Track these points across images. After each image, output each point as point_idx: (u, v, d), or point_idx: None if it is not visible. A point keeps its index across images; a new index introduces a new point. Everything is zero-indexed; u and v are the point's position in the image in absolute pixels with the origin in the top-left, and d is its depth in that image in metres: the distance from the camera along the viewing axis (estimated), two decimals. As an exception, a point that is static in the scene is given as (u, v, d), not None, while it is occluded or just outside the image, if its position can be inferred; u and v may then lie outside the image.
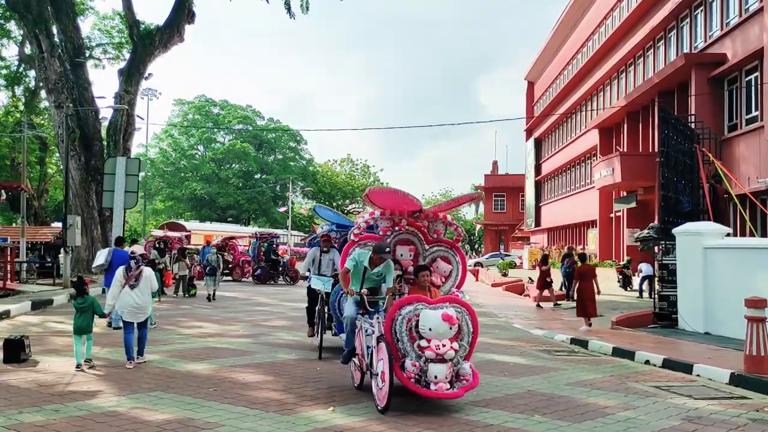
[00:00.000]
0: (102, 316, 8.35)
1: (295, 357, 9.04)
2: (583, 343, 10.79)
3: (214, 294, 17.50)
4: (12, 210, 41.34)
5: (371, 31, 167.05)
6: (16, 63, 37.75)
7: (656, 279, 13.98)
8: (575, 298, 19.06)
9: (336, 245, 9.87)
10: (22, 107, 39.70)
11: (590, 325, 12.78)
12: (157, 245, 20.66)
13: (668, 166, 14.58)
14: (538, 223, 48.23)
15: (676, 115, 16.05)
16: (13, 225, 41.11)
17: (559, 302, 18.76)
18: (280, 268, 26.09)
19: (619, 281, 23.31)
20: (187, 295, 18.58)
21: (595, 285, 12.98)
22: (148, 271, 8.49)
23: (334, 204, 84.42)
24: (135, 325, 8.27)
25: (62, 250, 20.93)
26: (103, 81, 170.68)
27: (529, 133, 52.29)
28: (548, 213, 45.34)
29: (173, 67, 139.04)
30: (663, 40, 25.58)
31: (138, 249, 9.93)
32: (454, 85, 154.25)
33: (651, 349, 9.93)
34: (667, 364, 8.95)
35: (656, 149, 24.66)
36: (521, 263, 41.93)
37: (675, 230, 13.14)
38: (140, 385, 6.98)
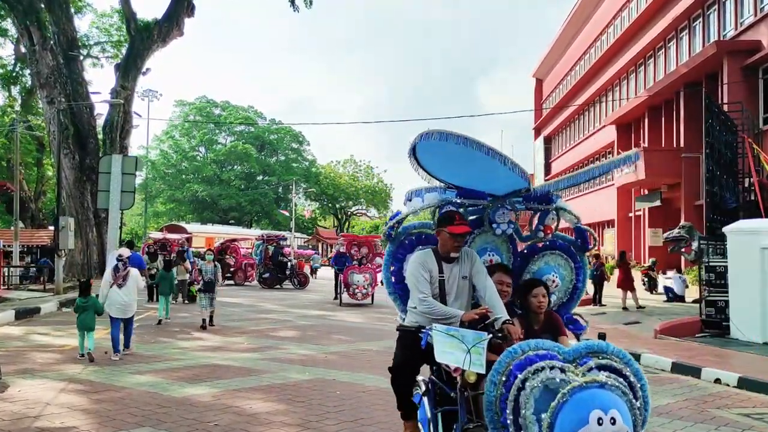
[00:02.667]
0: (101, 314, 8.97)
1: (309, 377, 7.78)
2: (635, 357, 9.49)
3: (211, 319, 12.33)
4: (9, 213, 40.22)
5: (371, 32, 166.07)
6: (13, 62, 36.70)
7: (702, 283, 12.66)
8: (601, 303, 17.94)
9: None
10: (18, 107, 38.62)
11: None
12: (149, 249, 19.42)
13: (712, 159, 13.29)
14: (548, 223, 46.86)
15: (718, 104, 14.77)
16: (12, 228, 40.00)
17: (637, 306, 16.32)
18: (288, 272, 24.82)
19: (644, 284, 22.02)
20: (186, 301, 17.33)
21: None
22: (134, 272, 9.26)
23: (338, 206, 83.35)
24: (121, 321, 9.01)
25: (54, 253, 19.71)
26: (102, 80, 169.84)
27: (537, 131, 50.98)
28: (559, 213, 43.98)
29: (174, 68, 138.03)
30: (687, 29, 24.29)
31: (125, 252, 9.63)
32: (454, 86, 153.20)
33: (715, 364, 8.66)
34: (745, 383, 7.67)
35: (681, 144, 23.44)
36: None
37: (726, 229, 11.85)
38: (124, 419, 5.72)
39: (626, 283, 16.43)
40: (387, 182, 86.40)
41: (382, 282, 4.66)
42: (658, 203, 24.61)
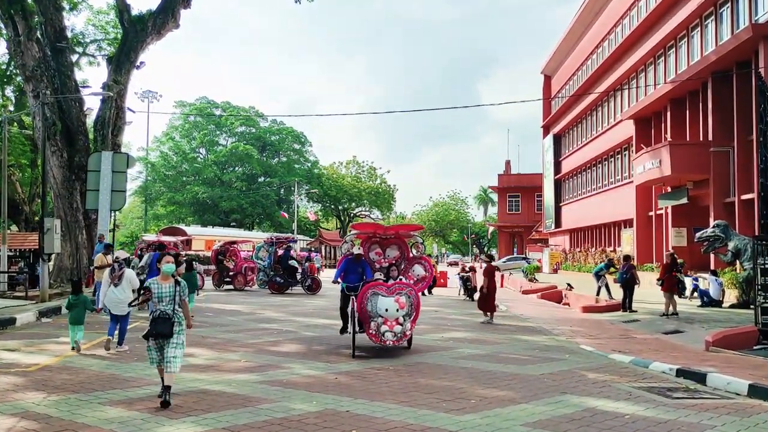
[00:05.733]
0: (93, 310, 10.09)
1: (317, 407, 6.38)
2: (698, 377, 8.07)
3: (166, 395, 6.37)
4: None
5: (372, 34, 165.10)
6: (6, 61, 35.43)
7: (757, 287, 11.22)
8: (632, 308, 16.51)
9: None
10: (12, 108, 37.35)
11: (491, 319, 14.32)
12: (140, 253, 18.08)
13: (766, 147, 11.87)
14: (558, 224, 45.48)
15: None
16: (8, 231, 38.67)
17: (672, 313, 14.83)
18: (299, 276, 23.31)
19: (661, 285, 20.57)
20: (180, 309, 15.93)
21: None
22: (128, 272, 9.99)
23: (340, 207, 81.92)
24: (119, 316, 9.79)
25: (39, 258, 18.37)
26: (99, 79, 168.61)
27: (546, 129, 49.57)
28: (570, 213, 42.59)
29: (174, 70, 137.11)
30: (713, 16, 22.87)
31: (122, 254, 11.36)
32: (455, 87, 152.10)
33: (801, 387, 7.23)
34: None
35: (709, 138, 22.01)
36: (540, 267, 39.37)
37: (789, 226, 10.43)
38: (74, 479, 4.32)
39: (670, 286, 15.03)
40: (390, 183, 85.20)
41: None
42: (684, 201, 23.17)
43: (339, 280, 10.65)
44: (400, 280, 10.24)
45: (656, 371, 8.71)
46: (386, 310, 9.33)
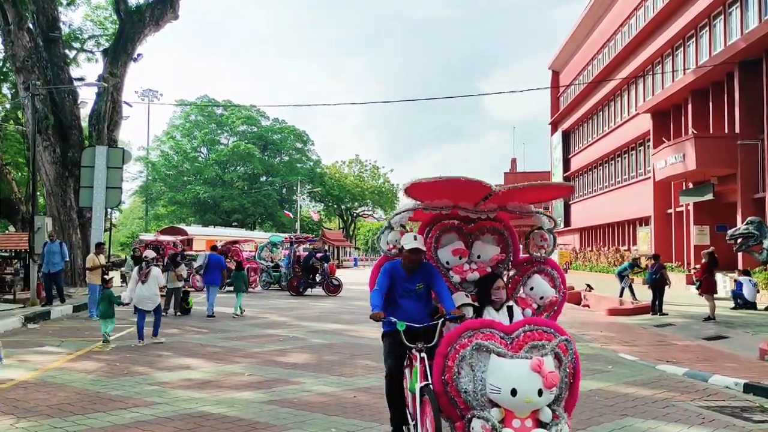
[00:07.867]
0: (119, 304, 10.45)
1: (337, 436, 5.31)
2: (775, 394, 7.01)
3: None
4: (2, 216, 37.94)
5: (372, 32, 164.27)
6: (2, 58, 34.50)
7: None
8: (662, 311, 15.47)
9: None
10: (8, 105, 36.39)
11: None
12: (134, 253, 17.06)
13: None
14: (567, 222, 44.36)
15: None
16: (5, 232, 37.79)
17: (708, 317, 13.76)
18: (320, 278, 22.33)
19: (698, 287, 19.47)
20: (179, 313, 14.87)
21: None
22: (155, 271, 10.65)
23: (343, 207, 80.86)
24: (145, 312, 10.35)
25: (30, 258, 17.31)
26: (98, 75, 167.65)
27: (554, 126, 48.48)
28: (580, 211, 41.48)
29: (174, 69, 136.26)
30: (738, 3, 21.77)
31: (150, 253, 11.13)
32: (455, 86, 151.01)
33: None
34: None
35: (735, 130, 20.92)
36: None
37: None
38: None
39: (709, 287, 13.95)
40: (393, 182, 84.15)
41: None
42: (710, 197, 22.03)
43: (381, 313, 4.52)
44: (512, 310, 4.70)
45: (719, 386, 7.63)
46: (513, 391, 3.83)
